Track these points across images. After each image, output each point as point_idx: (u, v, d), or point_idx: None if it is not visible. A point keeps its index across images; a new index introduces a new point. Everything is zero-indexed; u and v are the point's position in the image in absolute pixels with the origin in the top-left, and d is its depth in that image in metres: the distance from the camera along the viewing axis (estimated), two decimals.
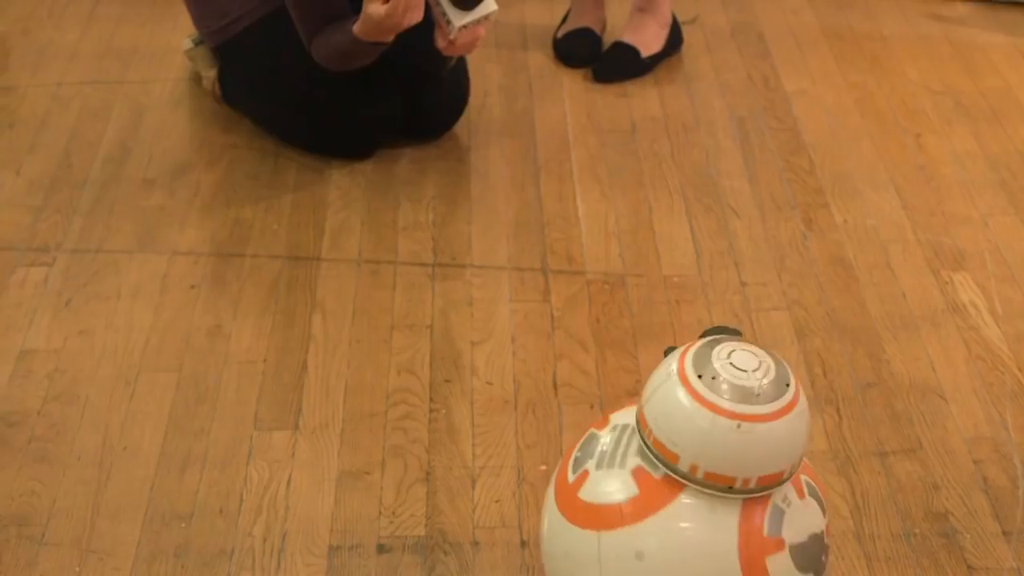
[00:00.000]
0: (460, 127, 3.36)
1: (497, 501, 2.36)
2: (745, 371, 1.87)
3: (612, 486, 1.94)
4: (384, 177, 3.21)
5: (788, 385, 1.87)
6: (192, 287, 2.85)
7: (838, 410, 2.54)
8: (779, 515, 1.91)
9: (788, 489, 1.93)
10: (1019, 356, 2.67)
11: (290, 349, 2.68)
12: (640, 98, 3.53)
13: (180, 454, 2.44)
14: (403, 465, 2.43)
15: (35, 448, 2.45)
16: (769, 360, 1.88)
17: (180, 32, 3.57)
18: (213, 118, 3.42)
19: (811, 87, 3.58)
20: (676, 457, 1.88)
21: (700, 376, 1.87)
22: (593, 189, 3.17)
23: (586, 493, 1.95)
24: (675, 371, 1.89)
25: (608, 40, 3.71)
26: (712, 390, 1.86)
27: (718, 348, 1.89)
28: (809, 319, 2.76)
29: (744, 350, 1.89)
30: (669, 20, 3.70)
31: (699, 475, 1.87)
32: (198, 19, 3.36)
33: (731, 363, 1.88)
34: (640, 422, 1.92)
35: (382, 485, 2.39)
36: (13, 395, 2.57)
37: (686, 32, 3.76)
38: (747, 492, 1.88)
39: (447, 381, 2.61)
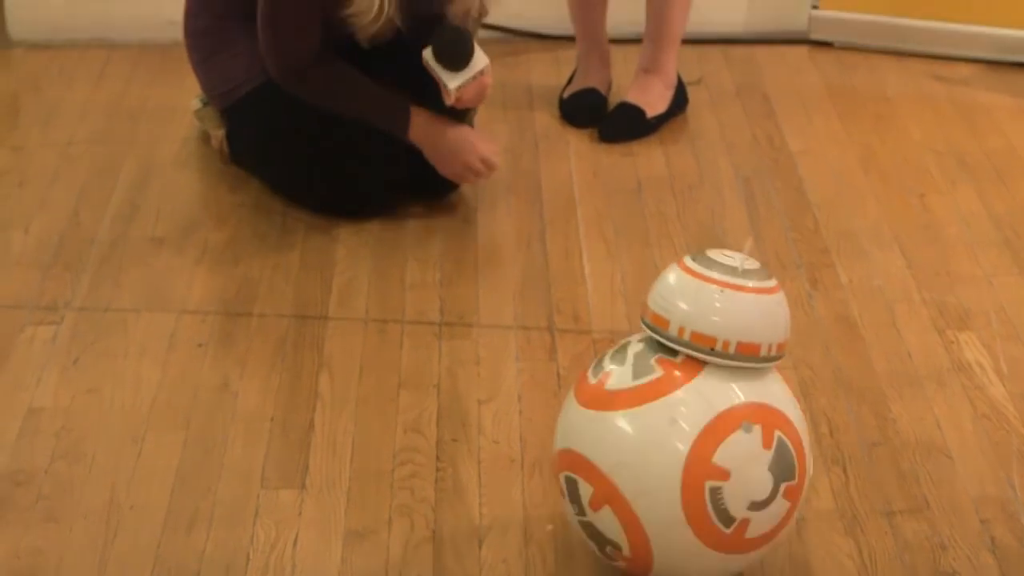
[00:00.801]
0: (466, 186, 3.37)
1: (504, 560, 2.36)
2: (732, 257, 2.19)
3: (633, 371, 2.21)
4: (391, 236, 3.22)
5: (770, 278, 2.19)
6: (199, 345, 2.86)
7: (844, 469, 2.54)
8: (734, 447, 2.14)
9: (756, 432, 2.14)
10: None
11: (297, 407, 2.69)
12: (645, 157, 3.55)
13: (187, 512, 2.44)
14: (410, 524, 2.43)
15: (42, 506, 2.45)
16: (756, 261, 2.20)
17: (189, 92, 3.59)
18: (221, 177, 3.44)
19: (816, 147, 3.60)
20: (666, 323, 2.17)
21: (693, 259, 2.20)
22: (599, 248, 3.18)
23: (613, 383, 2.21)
24: (675, 263, 2.22)
25: (614, 100, 3.74)
26: (700, 264, 2.18)
27: (716, 249, 2.22)
28: (815, 378, 2.77)
29: (737, 252, 2.21)
30: (674, 81, 3.72)
31: (686, 336, 2.14)
32: (205, 83, 3.38)
33: (723, 252, 2.21)
34: (643, 312, 2.22)
35: (389, 544, 2.39)
36: (20, 453, 2.57)
37: (691, 92, 3.78)
38: (727, 357, 2.14)
39: (454, 440, 2.61)
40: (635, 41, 3.83)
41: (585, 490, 2.19)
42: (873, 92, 3.89)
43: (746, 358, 2.16)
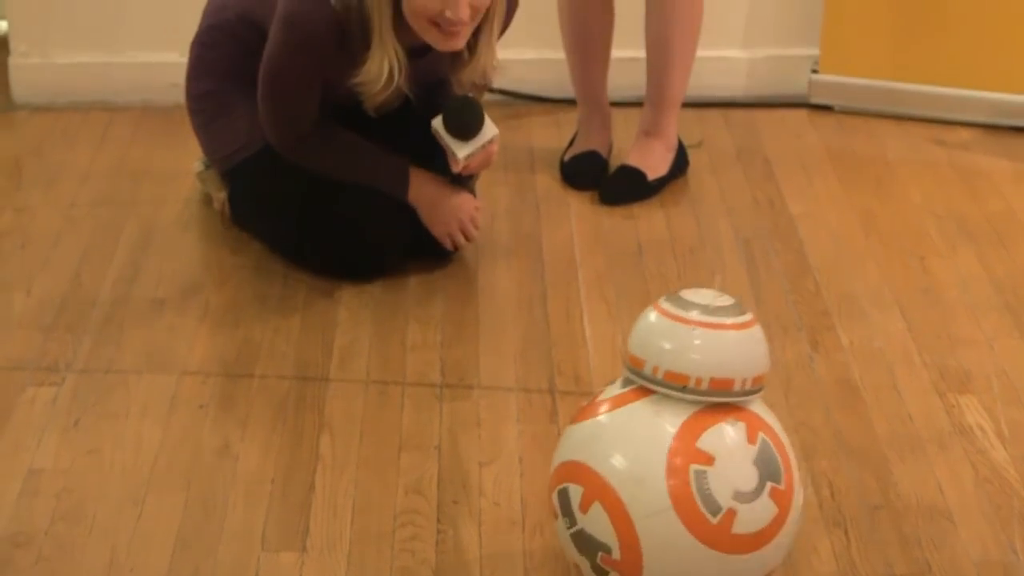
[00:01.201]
0: (467, 248, 3.38)
1: None
2: (704, 296, 2.26)
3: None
4: (392, 298, 3.23)
5: (744, 313, 2.26)
6: (200, 407, 2.86)
7: (846, 532, 2.54)
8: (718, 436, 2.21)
9: (740, 427, 2.22)
10: None
11: (298, 469, 2.69)
12: (646, 220, 3.56)
13: (187, 574, 2.44)
14: None
15: (42, 568, 2.44)
16: (729, 297, 2.27)
17: (191, 154, 3.61)
18: (223, 239, 3.45)
19: (816, 210, 3.61)
20: (642, 362, 2.24)
21: (668, 300, 2.27)
22: (600, 310, 3.18)
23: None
24: (651, 305, 2.30)
25: (615, 163, 3.75)
26: (674, 305, 2.25)
27: (692, 289, 2.30)
28: (816, 440, 2.76)
29: (711, 289, 2.29)
30: (675, 144, 3.74)
31: (660, 375, 2.22)
32: (206, 146, 3.40)
33: (695, 292, 2.28)
34: (624, 355, 2.30)
35: None
36: (20, 515, 2.57)
37: (692, 155, 3.80)
38: (700, 393, 2.21)
39: (455, 502, 2.60)
40: (636, 104, 3.85)
41: (575, 493, 2.24)
42: (873, 155, 3.90)
43: (720, 393, 2.22)
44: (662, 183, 3.70)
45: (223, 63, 3.31)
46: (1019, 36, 3.97)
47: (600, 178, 3.71)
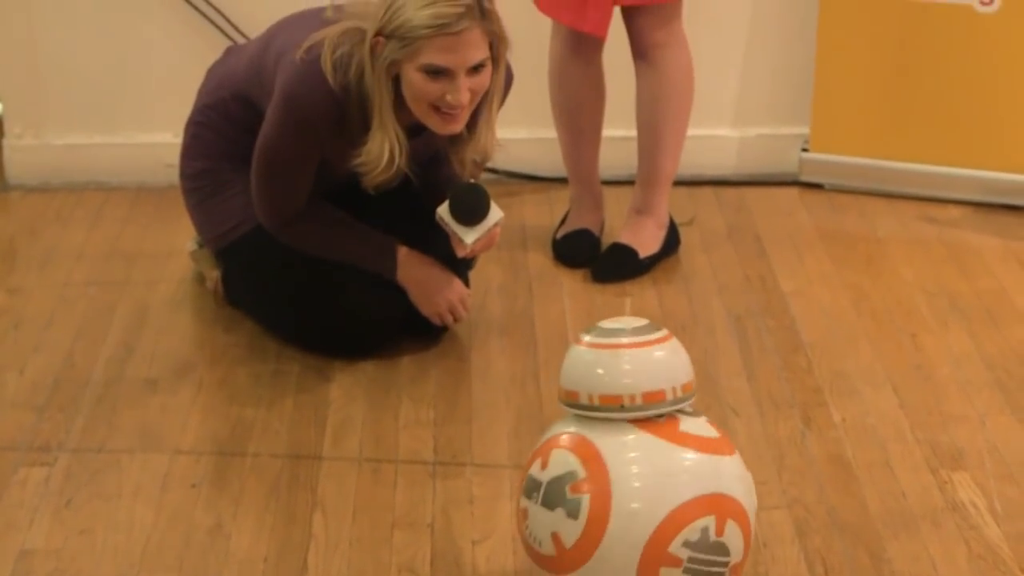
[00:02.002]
0: (461, 326, 3.39)
1: None
2: (619, 323, 2.42)
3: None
4: (385, 375, 3.23)
5: (659, 330, 2.41)
6: (193, 486, 2.86)
7: None
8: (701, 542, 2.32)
9: (711, 524, 2.32)
10: (1020, 556, 2.66)
11: (291, 548, 2.68)
12: (638, 298, 3.57)
13: None
14: None
15: None
16: (644, 319, 2.43)
17: (184, 233, 3.62)
18: (215, 318, 3.46)
19: (807, 287, 3.62)
20: (576, 394, 2.39)
21: (587, 333, 2.43)
22: None
23: None
24: (574, 343, 2.44)
25: (607, 241, 3.77)
26: (592, 336, 2.41)
27: (608, 320, 2.45)
28: (809, 518, 2.76)
29: (624, 316, 2.49)
30: (666, 221, 3.75)
31: (595, 402, 2.36)
32: (200, 225, 3.41)
33: (613, 321, 2.44)
34: (559, 392, 2.45)
35: None
36: None
37: (683, 233, 3.81)
38: (637, 409, 2.34)
39: None
40: (627, 182, 3.87)
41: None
42: (864, 233, 3.92)
43: (656, 405, 2.35)
44: (654, 261, 3.71)
45: (218, 142, 3.33)
46: (1008, 115, 4.00)
47: (592, 256, 3.72)
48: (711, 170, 4.23)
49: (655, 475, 2.33)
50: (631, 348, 2.37)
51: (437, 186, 3.22)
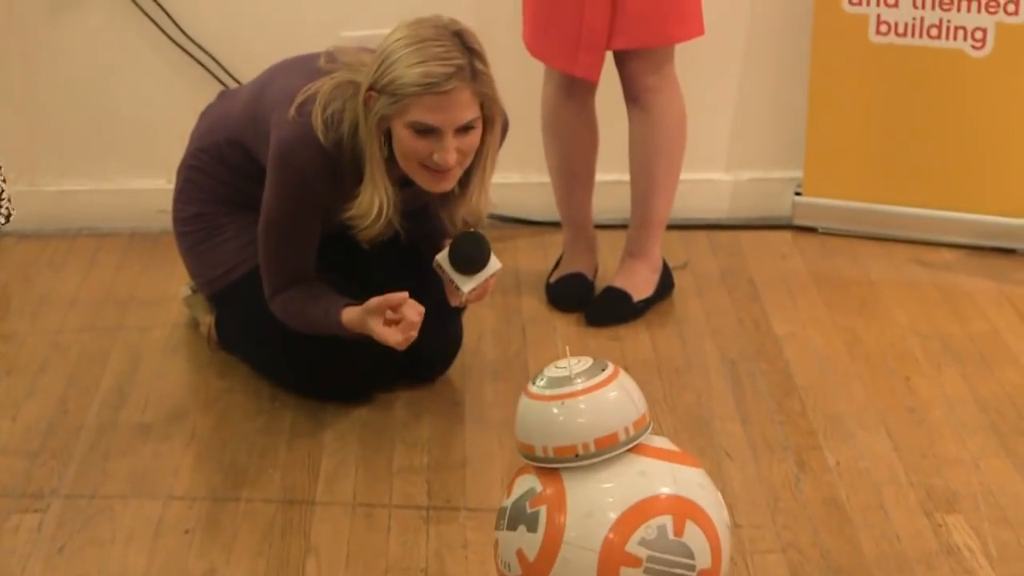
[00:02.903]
0: (454, 370, 3.39)
1: None
2: (564, 367, 2.42)
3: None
4: (379, 420, 3.23)
5: (604, 369, 2.42)
6: (186, 532, 2.85)
7: None
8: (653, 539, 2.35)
9: (668, 522, 2.35)
10: None
11: None
12: (632, 341, 3.57)
13: None
14: None
15: None
16: (588, 359, 2.44)
17: (178, 279, 3.62)
18: (209, 363, 3.46)
19: (801, 330, 3.62)
20: (532, 448, 2.41)
21: (533, 382, 2.45)
22: None
23: None
24: (524, 394, 2.46)
25: (600, 285, 3.77)
26: (538, 387, 2.43)
27: (551, 366, 2.46)
28: (804, 561, 2.75)
29: (571, 357, 2.44)
30: (660, 265, 3.76)
31: (550, 453, 2.39)
32: (193, 270, 3.41)
33: (555, 366, 2.44)
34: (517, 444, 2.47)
35: None
36: None
37: (677, 276, 3.82)
38: (592, 456, 2.37)
39: None
40: (621, 226, 3.88)
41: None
42: (857, 276, 3.92)
43: (610, 449, 2.38)
44: (647, 304, 3.72)
45: (211, 186, 3.34)
46: (1000, 159, 4.01)
47: (586, 300, 3.73)
48: (704, 214, 4.24)
49: (609, 479, 2.38)
50: (582, 395, 2.39)
51: (426, 238, 3.21)
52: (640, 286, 3.72)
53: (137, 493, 2.97)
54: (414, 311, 3.07)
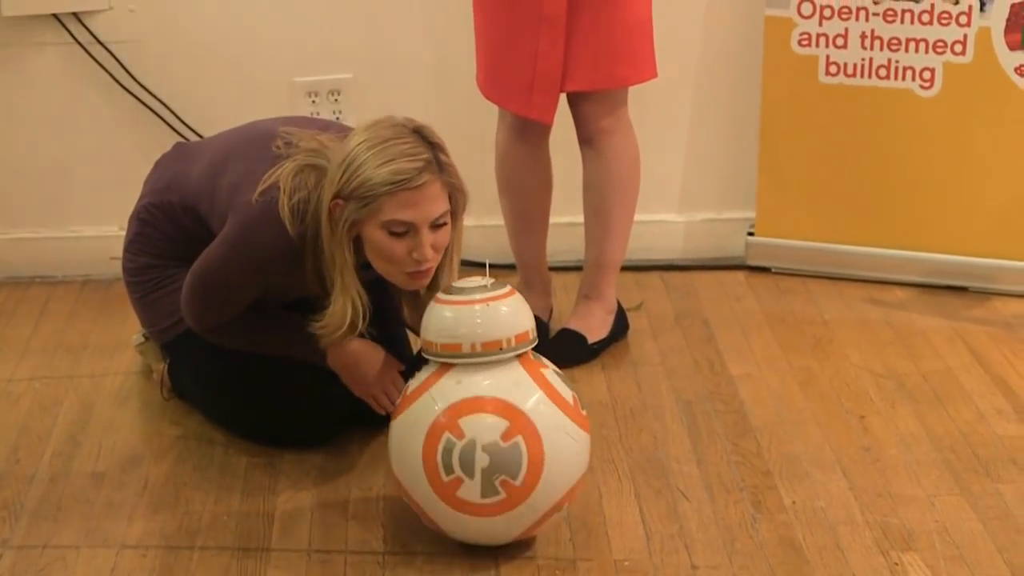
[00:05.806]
0: None
1: None
2: (471, 281, 2.89)
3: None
4: (334, 466, 3.21)
5: (505, 286, 2.88)
6: None
7: None
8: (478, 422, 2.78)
9: (503, 426, 2.77)
10: None
11: None
12: (587, 383, 3.57)
13: None
14: None
15: None
16: (491, 279, 2.89)
17: (130, 327, 3.61)
18: (162, 411, 3.44)
19: (756, 371, 3.63)
20: (431, 344, 2.87)
21: (449, 293, 2.88)
22: None
23: None
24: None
25: (555, 327, 3.77)
26: (456, 294, 2.87)
27: (460, 281, 2.91)
28: None
29: (478, 277, 2.90)
30: (614, 307, 3.76)
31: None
32: (145, 319, 3.39)
33: (461, 282, 2.89)
34: (424, 346, 2.90)
35: None
36: None
37: (631, 318, 3.82)
38: (475, 356, 2.81)
39: None
40: (575, 268, 3.89)
41: None
42: (811, 316, 3.94)
43: (493, 353, 2.81)
44: (603, 346, 3.72)
45: (161, 241, 3.30)
46: (950, 197, 4.03)
47: (541, 342, 3.71)
48: (658, 255, 4.25)
49: (490, 377, 2.83)
50: (496, 300, 2.84)
51: (388, 312, 3.20)
52: (595, 328, 3.72)
53: (90, 542, 2.95)
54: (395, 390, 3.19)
